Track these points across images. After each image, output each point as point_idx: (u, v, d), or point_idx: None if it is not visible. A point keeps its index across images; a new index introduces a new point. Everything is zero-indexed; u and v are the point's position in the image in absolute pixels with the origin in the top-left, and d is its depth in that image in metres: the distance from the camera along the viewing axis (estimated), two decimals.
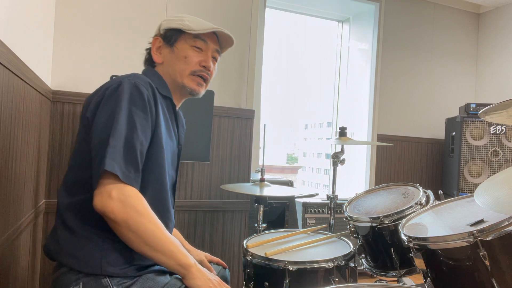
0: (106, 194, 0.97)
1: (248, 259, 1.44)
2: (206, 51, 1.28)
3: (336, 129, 3.74)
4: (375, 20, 3.43)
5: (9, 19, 1.26)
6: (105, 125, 1.03)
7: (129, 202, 0.98)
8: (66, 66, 2.23)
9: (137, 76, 1.13)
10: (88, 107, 1.11)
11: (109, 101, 1.06)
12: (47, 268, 2.14)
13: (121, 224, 0.97)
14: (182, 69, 1.25)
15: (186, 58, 1.24)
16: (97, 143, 1.02)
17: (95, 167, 1.00)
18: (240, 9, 2.71)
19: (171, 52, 1.26)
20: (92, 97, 1.12)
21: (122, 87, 1.07)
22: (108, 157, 0.97)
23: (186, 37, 1.25)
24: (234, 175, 2.60)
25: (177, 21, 1.26)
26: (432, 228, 1.28)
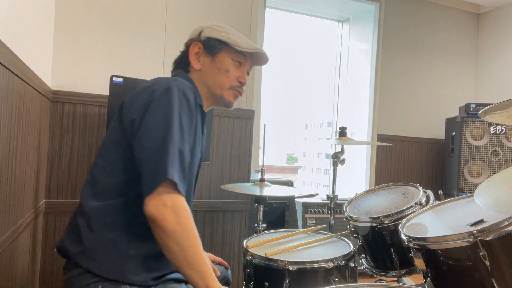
0: (162, 201, 0.96)
1: (248, 259, 1.44)
2: (243, 66, 1.31)
3: (336, 129, 3.74)
4: (375, 20, 3.43)
5: (9, 19, 1.26)
6: (159, 131, 1.01)
7: (181, 214, 0.98)
8: (66, 66, 2.23)
9: (183, 82, 1.12)
10: (131, 108, 1.08)
11: (160, 105, 1.05)
12: (47, 268, 2.14)
13: (169, 234, 0.96)
14: (223, 81, 1.26)
15: (227, 71, 1.26)
16: (152, 148, 1.00)
17: (150, 172, 0.98)
18: (240, 9, 2.71)
19: (211, 62, 1.26)
20: (135, 97, 1.10)
21: (172, 92, 1.06)
22: (170, 165, 0.97)
23: (229, 50, 1.27)
24: (234, 175, 2.60)
25: (223, 32, 1.27)
26: (432, 228, 1.28)
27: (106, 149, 1.13)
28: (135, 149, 1.04)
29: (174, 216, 0.96)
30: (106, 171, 1.10)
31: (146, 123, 1.03)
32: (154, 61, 2.43)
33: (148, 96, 1.07)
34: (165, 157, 0.98)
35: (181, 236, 0.97)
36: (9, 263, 1.39)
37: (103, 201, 1.07)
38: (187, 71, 1.29)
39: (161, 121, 1.02)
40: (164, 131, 1.01)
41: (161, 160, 0.98)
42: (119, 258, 1.04)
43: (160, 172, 0.97)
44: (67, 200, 2.20)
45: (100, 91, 2.24)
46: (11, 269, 1.42)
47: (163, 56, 2.44)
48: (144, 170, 1.00)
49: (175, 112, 1.04)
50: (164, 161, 0.98)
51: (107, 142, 1.14)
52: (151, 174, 0.98)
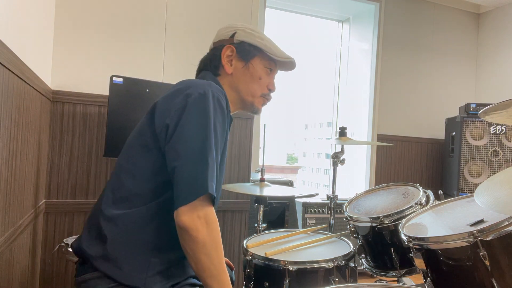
0: (197, 213, 0.96)
1: (248, 259, 1.44)
2: (273, 74, 1.29)
3: (336, 129, 3.74)
4: (375, 20, 3.43)
5: (9, 19, 1.26)
6: (197, 140, 1.00)
7: (212, 226, 0.99)
8: (66, 66, 2.23)
9: (217, 88, 1.09)
10: (164, 112, 1.05)
11: (196, 112, 1.02)
12: (47, 268, 2.14)
13: (199, 245, 0.97)
14: (255, 89, 1.24)
15: (260, 79, 1.24)
16: (188, 158, 0.99)
17: (187, 183, 0.97)
18: (240, 9, 2.71)
19: (244, 68, 1.23)
20: (168, 101, 1.06)
21: (208, 98, 1.03)
22: (209, 179, 0.97)
23: (262, 57, 1.24)
24: (234, 175, 2.60)
25: (257, 38, 1.24)
26: (432, 228, 1.27)
27: (134, 153, 1.09)
28: (169, 156, 1.01)
29: (206, 228, 0.97)
30: (135, 177, 1.06)
31: (181, 129, 1.01)
32: (154, 61, 2.43)
33: (182, 100, 1.04)
34: (205, 169, 0.97)
35: (210, 248, 0.98)
36: (9, 263, 1.38)
37: (129, 208, 1.04)
38: (216, 74, 1.24)
39: (198, 130, 1.00)
40: (201, 141, 0.99)
41: (200, 173, 0.97)
42: (142, 265, 1.03)
43: (199, 185, 0.96)
44: (67, 200, 2.20)
45: (100, 91, 2.24)
46: (11, 269, 1.42)
47: (163, 56, 2.44)
48: (180, 180, 0.98)
49: (211, 121, 1.02)
50: (204, 174, 0.97)
51: (134, 145, 1.10)
52: (189, 185, 0.97)
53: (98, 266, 1.02)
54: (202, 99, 1.03)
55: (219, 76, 1.24)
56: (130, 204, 1.05)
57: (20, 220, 1.51)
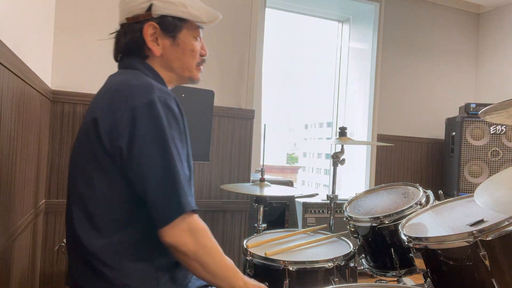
0: (179, 229, 0.94)
1: (248, 259, 1.44)
2: (201, 38, 1.18)
3: (336, 129, 3.74)
4: (375, 20, 3.43)
5: (9, 19, 1.26)
6: (158, 159, 0.94)
7: (199, 234, 0.96)
8: (66, 66, 2.23)
9: (160, 89, 0.99)
10: (111, 132, 0.94)
11: (148, 129, 0.94)
12: (47, 268, 2.14)
13: (191, 256, 0.95)
14: (190, 63, 1.14)
15: (192, 51, 1.13)
16: (156, 179, 0.93)
17: (163, 206, 0.93)
18: (240, 9, 2.71)
19: (173, 45, 1.09)
20: (110, 115, 0.95)
21: (157, 109, 0.94)
22: (183, 197, 0.94)
23: (190, 27, 1.11)
24: (234, 175, 2.60)
25: (181, 7, 1.08)
26: (432, 228, 1.28)
27: (89, 177, 0.98)
28: (133, 179, 0.95)
29: (193, 238, 0.95)
30: (101, 204, 0.98)
31: (138, 152, 0.93)
32: None
33: (128, 115, 0.94)
34: (176, 189, 0.93)
35: (202, 255, 0.96)
36: (9, 263, 1.38)
37: (109, 237, 0.97)
38: (144, 57, 1.10)
39: (156, 148, 0.94)
40: (163, 159, 0.94)
41: (172, 195, 0.93)
42: (151, 279, 1.00)
43: (175, 207, 0.93)
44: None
45: None
46: (11, 269, 1.42)
47: None
48: (154, 204, 0.94)
49: (167, 133, 0.94)
50: (177, 195, 0.93)
51: (88, 169, 0.98)
52: (165, 208, 0.94)
53: None
54: (150, 111, 0.94)
55: (147, 58, 1.10)
56: (110, 233, 0.98)
57: (20, 220, 1.51)
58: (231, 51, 2.68)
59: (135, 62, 1.09)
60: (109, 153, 0.95)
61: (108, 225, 0.98)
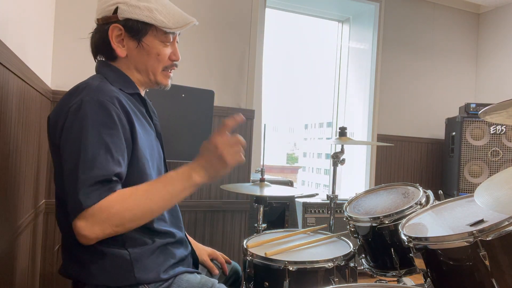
0: (80, 227, 0.91)
1: (248, 259, 1.44)
2: (173, 42, 1.17)
3: (336, 129, 3.74)
4: (375, 20, 3.43)
5: (9, 19, 1.26)
6: (72, 155, 0.94)
7: (97, 219, 0.91)
8: (66, 66, 2.23)
9: (98, 89, 1.00)
10: (55, 131, 1.01)
11: (72, 127, 0.96)
12: (47, 268, 2.14)
13: (105, 232, 0.93)
14: (154, 67, 1.13)
15: (159, 55, 1.12)
16: (69, 175, 0.94)
17: (70, 203, 0.93)
18: (240, 9, 2.71)
19: (138, 48, 1.10)
20: (55, 117, 1.02)
21: (84, 109, 0.95)
22: (80, 196, 0.90)
23: (156, 32, 1.11)
24: (234, 175, 2.60)
25: (146, 12, 1.07)
26: (432, 228, 1.28)
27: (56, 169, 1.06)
28: None
29: (95, 225, 0.91)
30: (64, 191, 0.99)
31: (62, 146, 0.97)
32: None
33: (63, 116, 0.98)
34: (74, 186, 0.91)
35: (116, 221, 0.93)
36: (9, 263, 1.38)
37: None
38: (112, 58, 1.13)
39: (72, 143, 0.95)
40: (76, 156, 0.93)
41: (73, 192, 0.91)
42: (126, 265, 1.02)
43: (74, 207, 0.91)
44: None
45: None
46: (11, 269, 1.42)
47: None
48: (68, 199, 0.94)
49: (89, 131, 0.94)
50: (75, 194, 0.91)
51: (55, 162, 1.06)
52: (71, 205, 0.93)
53: (94, 282, 1.02)
54: (78, 111, 0.96)
55: (115, 60, 1.13)
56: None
57: (20, 220, 1.51)
58: (231, 51, 2.68)
59: (100, 66, 1.15)
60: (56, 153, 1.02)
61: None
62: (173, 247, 1.13)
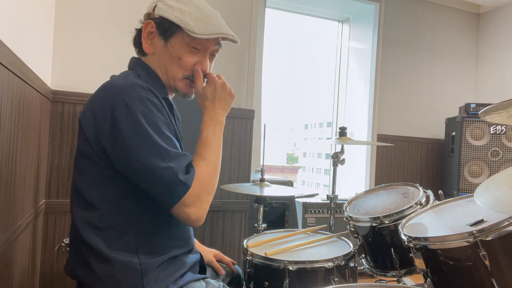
0: (181, 209, 0.98)
1: (248, 259, 1.44)
2: (204, 51, 1.12)
3: (336, 129, 3.74)
4: (375, 20, 3.43)
5: (9, 19, 1.26)
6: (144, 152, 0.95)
7: (196, 201, 1.00)
8: (66, 66, 2.23)
9: (138, 85, 1.00)
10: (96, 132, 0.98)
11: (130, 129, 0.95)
12: (47, 268, 2.14)
13: (202, 214, 1.01)
14: (175, 72, 1.10)
15: (180, 60, 1.09)
16: (147, 173, 0.96)
17: (165, 193, 0.97)
18: (240, 9, 2.71)
19: (164, 47, 1.09)
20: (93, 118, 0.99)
21: (135, 108, 0.96)
22: (172, 189, 0.97)
23: (184, 35, 1.07)
24: (234, 175, 2.60)
25: (176, 12, 1.06)
26: (432, 228, 1.27)
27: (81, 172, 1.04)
28: (128, 174, 0.99)
29: (194, 207, 0.99)
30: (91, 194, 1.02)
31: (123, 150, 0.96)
32: None
33: (109, 116, 0.96)
34: (171, 176, 0.95)
35: (207, 192, 1.03)
36: (9, 263, 1.38)
37: (102, 231, 1.01)
38: (143, 53, 1.13)
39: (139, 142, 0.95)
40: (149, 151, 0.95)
41: (170, 180, 0.96)
42: (136, 276, 1.01)
43: (168, 199, 0.97)
44: (67, 200, 2.19)
45: None
46: (11, 269, 1.42)
47: None
48: (155, 192, 0.98)
49: (148, 127, 0.96)
50: (173, 180, 0.96)
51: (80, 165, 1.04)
52: (166, 194, 0.97)
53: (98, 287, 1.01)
54: (128, 110, 0.96)
55: (146, 56, 1.13)
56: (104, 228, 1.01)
57: (20, 220, 1.51)
58: (231, 51, 2.68)
59: (133, 63, 1.15)
60: (95, 151, 1.00)
61: (102, 222, 1.02)
62: (184, 256, 1.13)
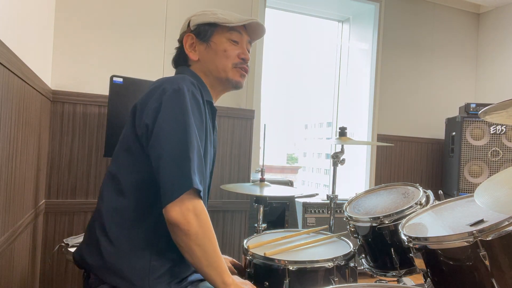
0: (185, 207, 0.97)
1: (248, 258, 1.44)
2: (241, 43, 1.25)
3: (336, 129, 3.74)
4: (375, 20, 3.43)
5: (9, 19, 1.26)
6: (176, 136, 1.00)
7: (202, 217, 1.00)
8: (66, 66, 2.23)
9: (190, 81, 1.09)
10: (142, 113, 1.05)
11: (172, 108, 1.02)
12: (47, 268, 2.14)
13: (192, 237, 0.98)
14: (224, 64, 1.21)
15: (225, 51, 1.21)
16: (171, 155, 0.99)
17: (172, 181, 0.98)
18: (240, 9, 2.71)
19: (207, 48, 1.22)
20: (145, 100, 1.06)
21: (183, 93, 1.03)
22: (193, 174, 0.98)
23: (221, 31, 1.22)
24: (234, 175, 2.60)
25: (210, 15, 1.22)
26: (432, 228, 1.27)
27: (121, 161, 1.09)
28: (152, 156, 1.02)
29: (196, 220, 0.98)
30: (123, 186, 1.07)
31: (160, 127, 1.01)
32: (154, 61, 2.43)
33: (158, 97, 1.04)
34: (187, 164, 0.98)
35: (202, 239, 0.99)
36: (9, 263, 1.38)
37: (122, 219, 1.05)
38: (188, 65, 1.25)
39: (177, 126, 1.01)
40: (181, 137, 1.00)
41: (183, 168, 0.98)
42: (143, 269, 1.03)
43: (183, 180, 0.97)
44: (67, 200, 2.20)
45: (100, 91, 2.24)
46: (11, 269, 1.42)
47: (163, 56, 2.44)
48: (164, 178, 0.98)
49: (189, 115, 1.02)
50: (187, 169, 0.98)
51: (119, 152, 1.10)
52: (173, 182, 0.97)
53: (105, 278, 1.03)
54: (176, 94, 1.03)
55: (191, 66, 1.24)
56: (123, 215, 1.05)
57: (20, 220, 1.51)
58: None
59: (181, 69, 1.25)
60: (138, 134, 1.05)
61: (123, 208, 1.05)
62: None
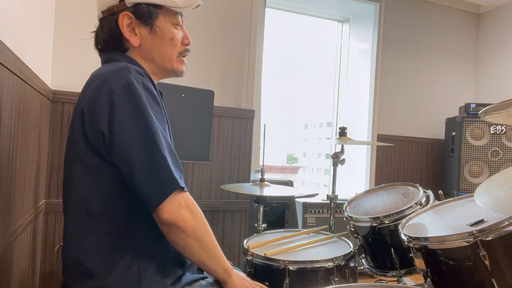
0: (177, 204, 0.93)
1: (249, 258, 1.44)
2: (182, 25, 1.13)
3: (336, 129, 3.74)
4: (375, 20, 3.43)
5: (9, 19, 1.26)
6: (141, 137, 0.91)
7: (195, 210, 0.97)
8: (66, 66, 2.23)
9: (136, 70, 0.97)
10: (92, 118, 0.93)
11: (128, 108, 0.92)
12: (47, 268, 2.14)
13: (189, 233, 0.94)
14: (170, 53, 1.09)
15: (172, 39, 1.08)
16: (143, 160, 0.91)
17: (154, 185, 0.91)
18: (240, 9, 2.71)
19: (151, 34, 1.06)
20: (92, 103, 0.94)
21: (134, 88, 0.93)
22: (174, 172, 0.93)
23: (166, 14, 1.07)
24: (234, 175, 2.60)
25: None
26: (432, 228, 1.28)
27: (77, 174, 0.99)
28: (119, 163, 0.92)
29: (191, 214, 0.95)
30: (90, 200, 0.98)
31: (120, 132, 0.91)
32: None
33: (106, 98, 0.92)
34: (164, 164, 0.92)
35: (200, 232, 0.96)
36: (9, 263, 1.38)
37: (99, 232, 0.97)
38: (123, 50, 1.07)
39: (138, 126, 0.92)
40: (147, 137, 0.92)
41: (162, 169, 0.92)
42: (134, 278, 0.98)
43: (167, 181, 0.92)
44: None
45: None
46: (11, 269, 1.42)
47: None
48: (145, 184, 0.91)
49: (148, 111, 0.93)
50: (166, 169, 0.92)
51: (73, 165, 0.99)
52: (157, 186, 0.92)
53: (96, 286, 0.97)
54: (127, 91, 0.92)
55: (127, 51, 1.08)
56: (98, 229, 0.97)
57: (20, 220, 1.51)
58: (231, 51, 2.68)
59: (115, 55, 1.07)
60: (92, 144, 0.94)
61: (96, 222, 0.98)
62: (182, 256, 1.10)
